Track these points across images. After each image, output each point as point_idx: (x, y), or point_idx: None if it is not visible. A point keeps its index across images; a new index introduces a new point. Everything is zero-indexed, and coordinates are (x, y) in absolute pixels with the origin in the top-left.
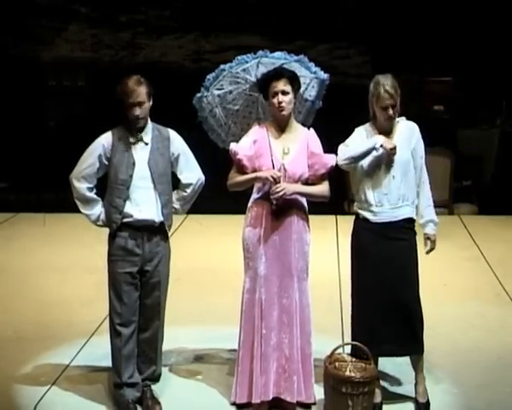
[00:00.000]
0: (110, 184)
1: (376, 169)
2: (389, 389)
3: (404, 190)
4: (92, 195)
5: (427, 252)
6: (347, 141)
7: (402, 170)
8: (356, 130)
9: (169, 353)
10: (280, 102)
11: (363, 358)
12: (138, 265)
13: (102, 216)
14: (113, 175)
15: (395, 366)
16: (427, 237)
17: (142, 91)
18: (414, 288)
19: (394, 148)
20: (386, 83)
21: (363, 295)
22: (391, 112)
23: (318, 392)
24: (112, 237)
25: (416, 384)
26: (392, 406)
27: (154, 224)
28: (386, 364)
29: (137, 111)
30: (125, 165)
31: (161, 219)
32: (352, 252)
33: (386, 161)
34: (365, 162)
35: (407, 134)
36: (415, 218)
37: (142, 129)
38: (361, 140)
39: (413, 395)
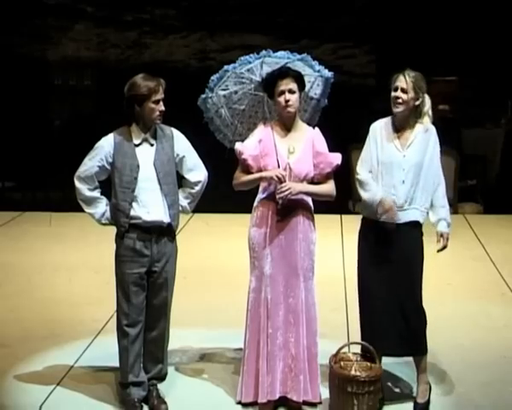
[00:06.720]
0: (115, 188)
1: (387, 174)
2: (391, 388)
3: (413, 193)
4: (93, 194)
5: (439, 250)
6: (362, 154)
7: (413, 174)
8: (371, 128)
9: (175, 352)
10: (287, 101)
11: (369, 357)
12: (146, 266)
13: (107, 214)
14: (117, 178)
15: (397, 364)
16: (440, 235)
17: (163, 88)
18: (416, 289)
19: (390, 209)
20: (409, 72)
21: (366, 294)
22: (399, 96)
23: (324, 391)
24: (120, 238)
25: (416, 384)
26: (394, 406)
27: (162, 225)
28: (388, 363)
29: (162, 106)
30: (129, 167)
31: (169, 219)
32: (357, 252)
33: (396, 166)
34: (377, 171)
35: (423, 138)
36: (422, 222)
37: (148, 129)
38: (375, 147)
39: (415, 394)
